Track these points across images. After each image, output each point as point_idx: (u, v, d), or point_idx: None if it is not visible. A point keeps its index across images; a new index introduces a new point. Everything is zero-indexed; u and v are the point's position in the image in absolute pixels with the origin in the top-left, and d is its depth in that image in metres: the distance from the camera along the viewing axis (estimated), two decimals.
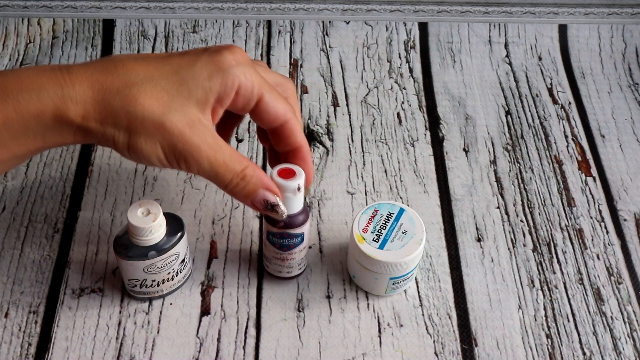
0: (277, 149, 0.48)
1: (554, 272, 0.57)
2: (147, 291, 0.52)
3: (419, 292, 0.55)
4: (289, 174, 0.46)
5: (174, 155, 0.41)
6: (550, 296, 0.55)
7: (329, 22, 0.76)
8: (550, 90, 0.72)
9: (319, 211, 0.60)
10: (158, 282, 0.51)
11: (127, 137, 0.40)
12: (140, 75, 0.41)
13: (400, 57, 0.74)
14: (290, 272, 0.54)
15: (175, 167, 0.42)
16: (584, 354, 0.52)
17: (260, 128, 0.48)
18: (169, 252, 0.49)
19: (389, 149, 0.65)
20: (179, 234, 0.49)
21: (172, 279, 0.52)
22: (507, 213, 0.61)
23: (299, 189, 0.46)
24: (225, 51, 0.43)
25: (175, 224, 0.49)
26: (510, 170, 0.64)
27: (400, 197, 0.61)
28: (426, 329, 0.53)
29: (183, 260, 0.51)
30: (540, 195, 0.62)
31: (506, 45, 0.76)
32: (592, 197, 0.62)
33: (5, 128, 0.39)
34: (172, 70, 0.41)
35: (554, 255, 0.58)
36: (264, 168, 0.63)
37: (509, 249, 0.58)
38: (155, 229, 0.47)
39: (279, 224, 0.49)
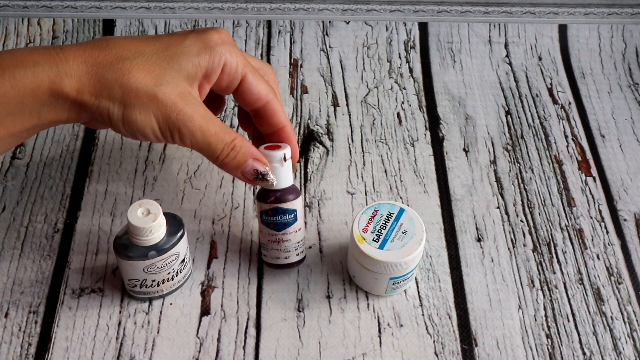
0: (261, 130, 0.50)
1: (554, 272, 0.57)
2: (147, 291, 0.51)
3: (419, 292, 0.55)
4: (275, 147, 0.48)
5: (167, 126, 0.42)
6: (550, 296, 0.55)
7: (329, 22, 0.76)
8: (550, 90, 0.72)
9: (319, 211, 0.60)
10: (158, 282, 0.51)
11: (122, 110, 0.41)
12: (131, 51, 0.42)
13: (400, 57, 0.74)
14: (288, 257, 0.53)
15: (169, 140, 0.43)
16: (584, 354, 0.52)
17: (243, 112, 0.50)
18: (169, 252, 0.49)
19: (389, 149, 0.65)
20: (179, 234, 0.49)
21: (172, 279, 0.52)
22: (507, 213, 0.61)
23: (285, 158, 0.48)
24: (212, 31, 0.45)
25: (175, 224, 0.49)
26: (510, 170, 0.64)
27: (400, 197, 0.61)
28: (426, 329, 0.53)
29: (183, 260, 0.51)
30: (540, 195, 0.62)
31: (506, 45, 0.76)
32: (592, 197, 0.62)
33: (2, 104, 0.40)
34: (162, 47, 0.43)
35: (554, 255, 0.58)
36: None
37: (509, 249, 0.58)
38: (155, 229, 0.47)
39: (270, 199, 0.49)
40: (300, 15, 0.76)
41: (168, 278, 0.51)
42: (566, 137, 0.68)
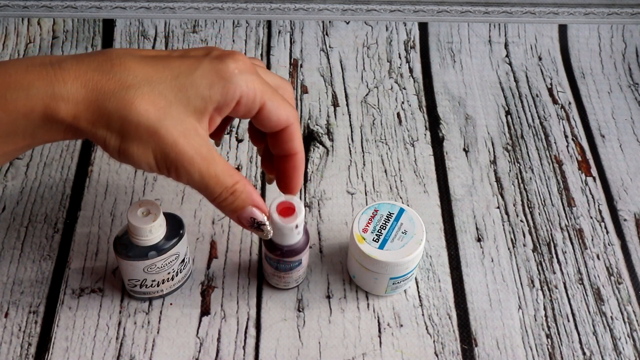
0: (272, 151, 0.47)
1: (554, 272, 0.57)
2: (147, 291, 0.51)
3: (419, 292, 0.55)
4: (288, 212, 0.46)
5: (165, 163, 0.40)
6: (550, 296, 0.55)
7: (329, 22, 0.76)
8: (550, 90, 0.72)
9: (319, 211, 0.60)
10: (158, 282, 0.51)
11: (119, 141, 0.39)
12: (137, 77, 0.39)
13: (400, 57, 0.74)
14: (287, 285, 0.54)
15: (165, 174, 0.41)
16: (584, 354, 0.52)
17: (255, 129, 0.47)
18: (169, 252, 0.49)
19: (389, 149, 0.65)
20: (179, 234, 0.49)
21: (172, 279, 0.52)
22: (507, 213, 0.61)
23: (296, 227, 0.46)
24: (228, 59, 0.41)
25: (175, 224, 0.49)
26: (510, 170, 0.64)
27: (400, 197, 0.61)
28: (426, 329, 0.53)
29: (183, 260, 0.51)
30: (540, 195, 0.62)
31: (506, 45, 0.76)
32: (592, 197, 0.62)
33: None
34: (171, 75, 0.40)
35: (554, 255, 0.58)
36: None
37: (509, 249, 0.58)
38: (155, 229, 0.47)
39: (277, 252, 0.49)
40: (300, 15, 0.76)
41: (168, 278, 0.51)
42: (566, 137, 0.68)
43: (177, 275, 0.52)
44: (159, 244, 0.48)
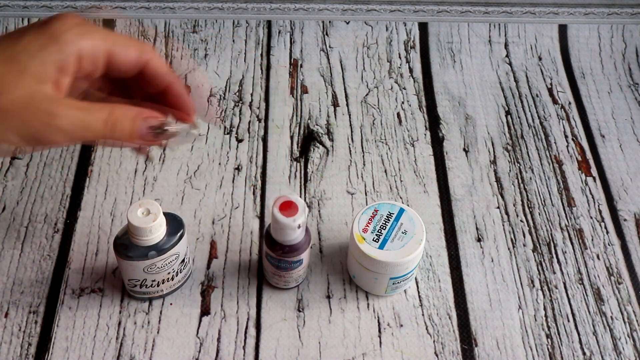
0: (152, 94, 0.44)
1: (554, 272, 0.57)
2: (147, 291, 0.51)
3: (419, 292, 0.55)
4: (289, 208, 0.46)
5: (28, 135, 0.38)
6: (550, 296, 0.55)
7: (329, 22, 0.76)
8: (550, 90, 0.72)
9: (319, 211, 0.60)
10: (158, 282, 0.51)
11: None
12: None
13: (400, 57, 0.74)
14: (287, 285, 0.54)
15: (40, 147, 0.39)
16: (584, 354, 0.52)
17: (121, 84, 0.45)
18: (169, 252, 0.49)
19: (389, 149, 0.65)
20: (179, 234, 0.49)
21: (172, 279, 0.52)
22: (507, 213, 0.61)
23: (299, 227, 0.46)
24: (54, 20, 0.39)
25: (175, 224, 0.49)
26: (510, 170, 0.64)
27: (400, 197, 0.61)
28: (426, 329, 0.53)
29: (183, 261, 0.51)
30: (540, 195, 0.62)
31: (506, 45, 0.76)
32: (592, 197, 0.62)
33: None
34: (1, 48, 0.38)
35: (554, 255, 0.58)
36: (264, 168, 0.63)
37: (509, 249, 0.58)
38: (155, 229, 0.47)
39: (277, 251, 0.49)
40: (300, 15, 0.76)
41: (168, 278, 0.51)
42: (566, 137, 0.68)
43: (177, 275, 0.52)
44: (159, 244, 0.48)
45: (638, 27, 0.77)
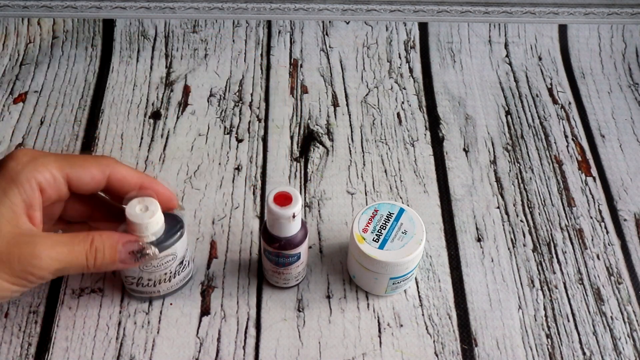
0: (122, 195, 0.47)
1: (554, 272, 0.57)
2: (144, 290, 0.51)
3: (419, 292, 0.55)
4: (285, 201, 0.46)
5: (19, 278, 0.40)
6: (550, 296, 0.55)
7: (329, 22, 0.76)
8: (550, 90, 0.72)
9: (319, 211, 0.60)
10: (155, 281, 0.51)
11: None
12: None
13: (400, 57, 0.74)
14: (287, 283, 0.54)
15: (31, 285, 0.41)
16: (584, 354, 0.52)
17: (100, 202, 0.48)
18: (165, 251, 0.48)
19: (389, 149, 0.65)
20: (178, 234, 0.49)
21: (170, 280, 0.51)
22: (507, 213, 0.61)
23: (294, 216, 0.46)
24: (7, 160, 0.42)
25: (174, 224, 0.49)
26: (510, 170, 0.64)
27: (400, 197, 0.61)
28: (426, 329, 0.53)
29: (182, 263, 0.51)
30: (540, 195, 0.62)
31: (506, 45, 0.76)
32: (592, 197, 0.62)
33: None
34: None
35: (554, 255, 0.58)
36: (264, 168, 0.63)
37: (509, 249, 0.58)
38: (152, 226, 0.46)
39: (275, 245, 0.49)
40: (300, 15, 0.76)
41: (165, 279, 0.51)
42: (566, 137, 0.68)
43: (174, 277, 0.52)
44: (155, 242, 0.47)
45: (638, 27, 0.77)
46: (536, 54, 0.75)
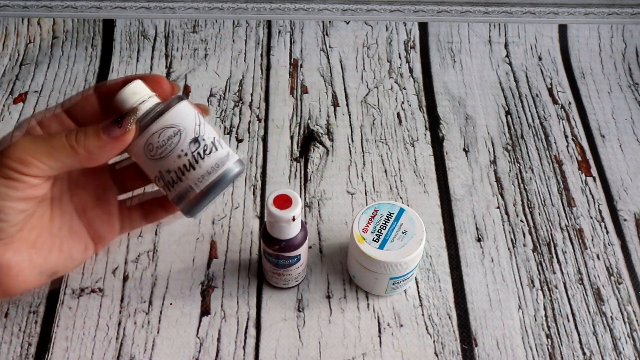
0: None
1: (554, 272, 0.57)
2: (179, 192, 0.43)
3: (419, 292, 0.55)
4: (285, 203, 0.46)
5: (3, 176, 0.39)
6: (550, 296, 0.55)
7: (329, 22, 0.76)
8: (550, 90, 0.72)
9: (319, 211, 0.60)
10: (176, 172, 0.42)
11: None
12: None
13: (400, 57, 0.74)
14: (287, 284, 0.54)
15: (27, 187, 0.40)
16: (584, 354, 0.52)
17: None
18: (159, 121, 0.41)
19: (389, 149, 0.65)
20: (172, 103, 0.42)
21: (194, 167, 0.42)
22: (507, 213, 0.61)
23: (293, 219, 0.46)
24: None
25: (174, 97, 0.43)
26: (510, 170, 0.64)
27: (400, 197, 0.61)
28: (426, 329, 0.53)
29: (197, 141, 0.42)
30: (540, 195, 0.62)
31: (506, 45, 0.76)
32: (592, 197, 0.62)
33: None
34: None
35: (554, 255, 0.58)
36: (264, 168, 0.63)
37: (509, 249, 0.58)
38: (127, 95, 0.41)
39: (274, 247, 0.49)
40: (300, 15, 0.76)
41: (186, 165, 0.42)
42: (566, 137, 0.68)
43: (197, 162, 0.42)
44: (146, 114, 0.41)
45: (638, 27, 0.77)
46: (536, 54, 0.75)
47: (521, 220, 0.60)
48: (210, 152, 0.43)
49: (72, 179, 0.46)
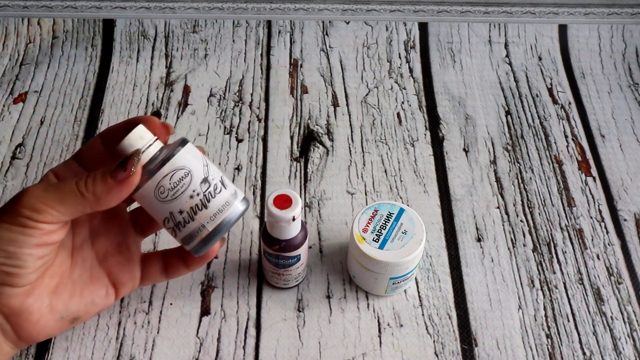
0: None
1: (554, 272, 0.57)
2: (190, 232, 0.44)
3: (419, 292, 0.55)
4: (285, 204, 0.46)
5: (15, 223, 0.40)
6: (550, 296, 0.55)
7: (329, 22, 0.76)
8: (550, 90, 0.72)
9: (319, 211, 0.60)
10: (188, 212, 0.43)
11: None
12: None
13: (400, 57, 0.74)
14: (287, 284, 0.54)
15: (40, 234, 0.41)
16: (584, 354, 0.52)
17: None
18: (168, 164, 0.42)
19: (389, 149, 0.65)
20: (178, 147, 0.43)
21: (205, 206, 0.43)
22: (507, 213, 0.61)
23: (293, 219, 0.46)
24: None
25: (178, 141, 0.44)
26: (510, 170, 0.64)
27: (400, 197, 0.61)
28: (426, 329, 0.53)
29: (207, 181, 0.43)
30: (540, 195, 0.62)
31: (506, 45, 0.76)
32: (592, 197, 0.62)
33: None
34: None
35: (554, 255, 0.58)
36: (264, 168, 0.63)
37: (509, 249, 0.58)
38: (132, 140, 0.41)
39: (275, 247, 0.49)
40: (300, 15, 0.76)
41: (198, 205, 0.43)
42: (566, 137, 0.68)
43: (208, 201, 0.43)
44: (155, 157, 0.42)
45: (638, 27, 0.77)
46: (536, 54, 0.75)
47: (521, 220, 0.60)
48: (220, 191, 0.44)
49: (93, 227, 0.47)
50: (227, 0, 0.76)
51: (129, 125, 0.44)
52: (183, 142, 0.43)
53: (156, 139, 0.43)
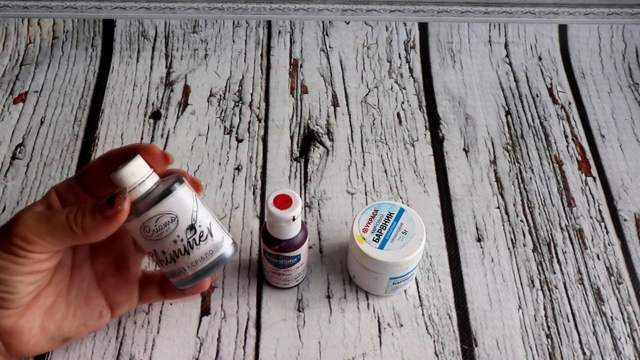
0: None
1: (554, 272, 0.57)
2: (171, 270, 0.45)
3: (419, 292, 0.55)
4: (285, 204, 0.46)
5: (6, 251, 0.41)
6: (550, 296, 0.55)
7: (329, 22, 0.76)
8: (550, 90, 0.72)
9: (319, 211, 0.60)
10: (171, 254, 0.44)
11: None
12: None
13: (400, 57, 0.74)
14: (287, 284, 0.54)
15: (30, 262, 0.41)
16: (584, 354, 0.52)
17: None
18: (156, 207, 0.42)
19: (389, 149, 0.65)
20: (169, 190, 0.42)
21: (188, 253, 0.44)
22: (507, 213, 0.61)
23: (293, 219, 0.46)
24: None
25: (170, 182, 0.43)
26: (510, 170, 0.64)
27: (400, 197, 0.61)
28: (426, 329, 0.53)
29: (193, 229, 0.43)
30: (540, 195, 0.62)
31: (506, 45, 0.76)
32: (592, 197, 0.62)
33: None
34: None
35: (554, 255, 0.58)
36: (264, 168, 0.63)
37: (509, 249, 0.58)
38: (137, 170, 0.42)
39: (275, 247, 0.49)
40: (300, 16, 0.76)
41: (180, 250, 0.43)
42: (566, 137, 0.68)
43: (192, 249, 0.43)
44: (144, 197, 0.42)
45: (638, 27, 0.77)
46: (536, 54, 0.75)
47: (521, 220, 0.60)
48: (205, 239, 0.44)
49: (94, 245, 0.47)
50: (227, 0, 0.76)
51: (129, 152, 0.44)
52: (178, 181, 0.43)
53: (151, 173, 0.43)
